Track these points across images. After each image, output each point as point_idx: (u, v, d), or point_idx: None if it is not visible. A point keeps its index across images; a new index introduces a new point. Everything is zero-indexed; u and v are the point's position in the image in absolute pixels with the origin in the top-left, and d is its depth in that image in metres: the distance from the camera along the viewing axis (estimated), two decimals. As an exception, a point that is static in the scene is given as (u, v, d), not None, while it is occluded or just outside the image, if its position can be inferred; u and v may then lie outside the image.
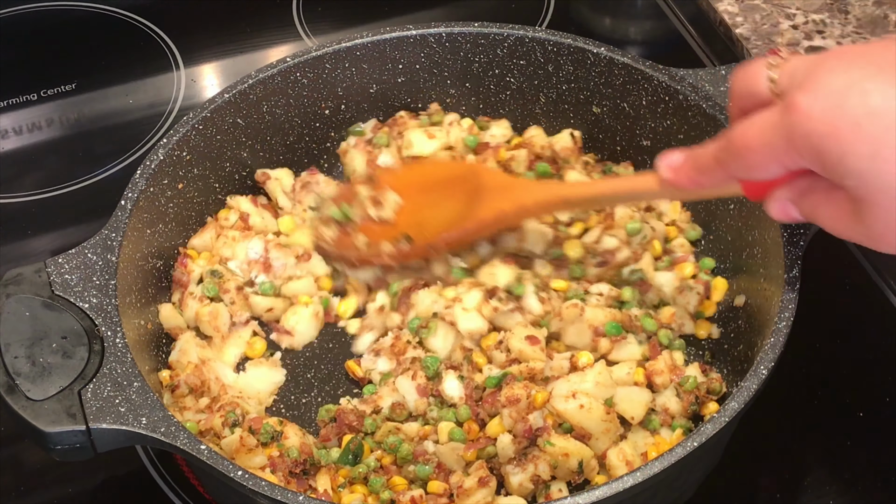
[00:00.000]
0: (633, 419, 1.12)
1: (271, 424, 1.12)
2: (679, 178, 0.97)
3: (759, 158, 0.85)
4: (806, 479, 1.17)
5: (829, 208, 0.85)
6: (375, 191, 1.26)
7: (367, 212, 1.25)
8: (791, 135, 0.80)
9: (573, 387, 1.11)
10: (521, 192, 1.19)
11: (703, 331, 1.22)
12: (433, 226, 1.22)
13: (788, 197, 0.90)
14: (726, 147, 0.88)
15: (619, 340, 1.17)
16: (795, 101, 0.80)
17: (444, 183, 1.25)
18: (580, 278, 1.24)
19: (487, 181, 1.22)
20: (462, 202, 1.21)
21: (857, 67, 0.78)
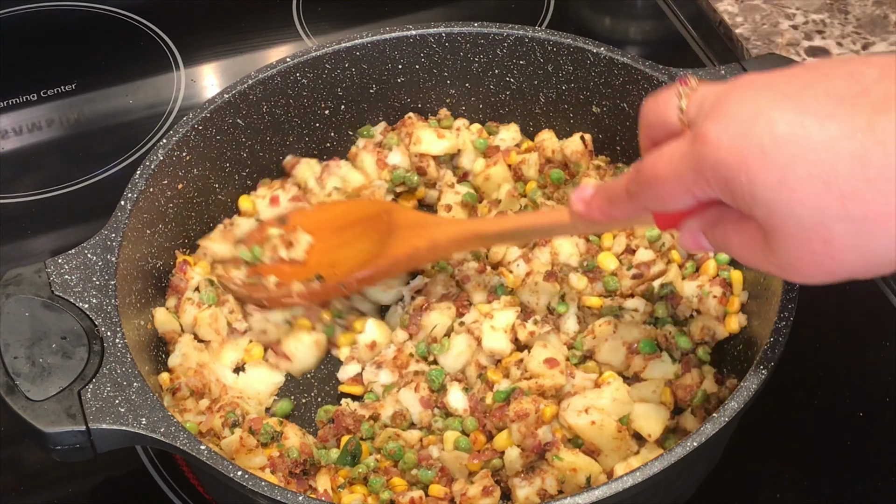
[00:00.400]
0: (649, 436, 1.11)
1: (271, 425, 1.12)
2: (591, 210, 0.95)
3: (669, 189, 0.83)
4: (806, 480, 1.17)
5: (740, 238, 0.84)
6: (287, 231, 1.24)
7: (278, 253, 1.24)
8: (699, 165, 0.79)
9: (588, 402, 1.11)
10: (433, 228, 1.19)
11: (734, 325, 1.19)
12: (346, 265, 1.21)
13: (699, 227, 0.88)
14: (636, 178, 0.87)
15: (653, 358, 1.17)
16: (703, 130, 0.78)
17: (356, 222, 1.24)
18: (615, 291, 1.23)
19: (400, 219, 1.21)
20: (375, 241, 1.21)
21: (763, 97, 0.77)
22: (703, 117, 0.80)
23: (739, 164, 0.76)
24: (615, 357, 1.18)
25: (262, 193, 1.33)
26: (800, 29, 1.60)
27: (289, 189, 1.33)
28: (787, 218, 0.76)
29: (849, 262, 0.76)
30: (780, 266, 0.80)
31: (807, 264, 0.78)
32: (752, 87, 0.79)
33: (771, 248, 0.80)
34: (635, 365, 1.17)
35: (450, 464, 1.11)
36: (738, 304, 1.20)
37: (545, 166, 1.34)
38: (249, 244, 1.25)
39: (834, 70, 0.76)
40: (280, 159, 1.37)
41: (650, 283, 1.23)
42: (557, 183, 1.31)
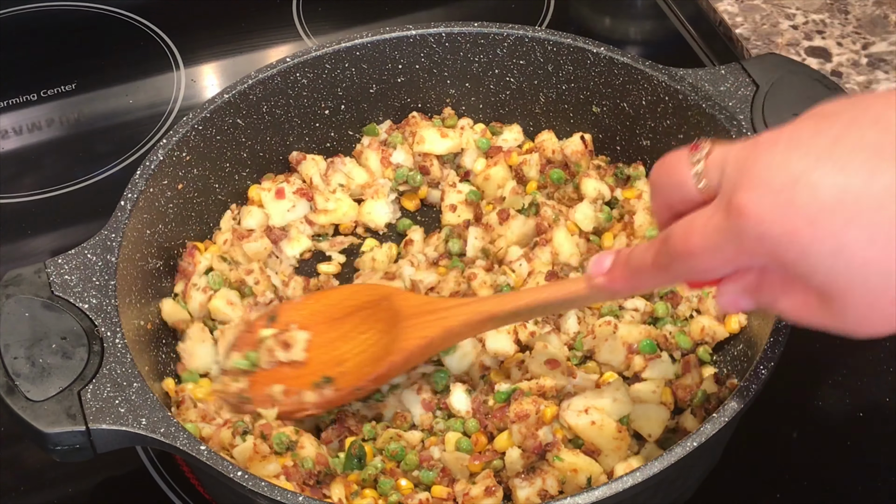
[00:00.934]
0: (649, 436, 1.11)
1: (286, 434, 1.11)
2: (614, 282, 0.92)
3: (707, 263, 0.80)
4: (806, 480, 1.17)
5: (791, 301, 0.80)
6: (280, 330, 1.17)
7: (275, 356, 1.16)
8: (741, 238, 0.76)
9: (588, 402, 1.11)
10: (443, 314, 1.11)
11: (734, 325, 1.19)
12: (352, 360, 1.14)
13: (739, 290, 0.84)
14: (667, 252, 0.83)
15: (654, 358, 1.17)
16: (739, 201, 0.75)
17: (354, 311, 1.17)
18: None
19: (403, 306, 1.14)
20: (379, 331, 1.14)
21: (795, 159, 0.73)
22: (732, 186, 0.77)
23: (788, 236, 0.73)
24: (615, 357, 1.17)
25: (266, 186, 1.33)
26: (800, 29, 1.60)
27: (293, 182, 1.33)
28: (851, 283, 0.73)
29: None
30: (845, 326, 0.77)
31: (875, 322, 0.75)
32: (778, 149, 0.75)
33: (832, 311, 0.76)
34: (635, 365, 1.17)
35: (451, 465, 1.11)
36: None
37: (546, 167, 1.34)
38: (242, 350, 1.17)
39: (858, 118, 0.73)
40: (280, 159, 1.37)
41: None
42: (557, 183, 1.31)
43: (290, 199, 1.32)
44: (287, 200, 1.32)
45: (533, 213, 1.28)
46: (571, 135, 1.35)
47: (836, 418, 1.21)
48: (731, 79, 1.26)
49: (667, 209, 0.86)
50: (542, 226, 1.26)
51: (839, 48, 1.57)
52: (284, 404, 1.13)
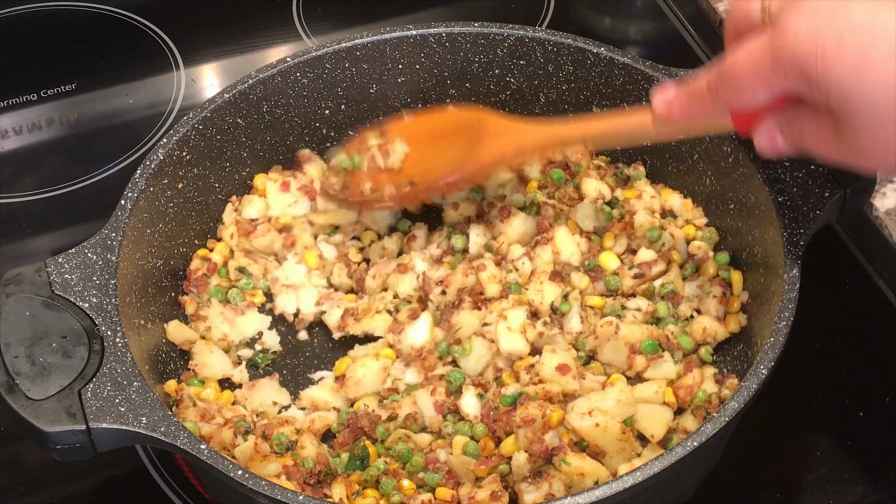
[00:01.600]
0: (652, 437, 1.11)
1: (286, 434, 1.11)
2: (672, 110, 0.99)
3: (748, 83, 0.87)
4: (806, 479, 1.17)
5: (814, 130, 0.87)
6: (385, 140, 1.27)
7: (375, 162, 1.26)
8: (778, 56, 0.82)
9: (592, 405, 1.11)
10: (519, 134, 1.21)
11: (735, 325, 1.20)
12: (438, 171, 1.24)
13: (775, 125, 0.92)
14: (717, 75, 0.91)
15: (656, 359, 1.17)
16: (783, 22, 0.82)
17: (450, 132, 1.27)
18: (616, 291, 1.23)
19: (489, 126, 1.23)
20: (465, 148, 1.23)
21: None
22: (784, 11, 0.83)
23: (816, 51, 0.79)
24: (618, 357, 1.17)
25: (273, 177, 1.33)
26: None
27: (300, 179, 1.33)
28: (862, 100, 0.79)
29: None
30: (854, 152, 0.83)
31: (880, 148, 0.81)
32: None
33: (844, 136, 0.83)
34: (637, 365, 1.17)
35: (457, 468, 1.11)
36: (738, 304, 1.20)
37: (547, 167, 1.34)
38: (349, 152, 1.28)
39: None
40: (280, 159, 1.37)
41: (651, 283, 1.23)
42: (558, 183, 1.31)
43: (293, 195, 1.32)
44: (290, 195, 1.32)
45: (534, 211, 1.28)
46: (572, 135, 1.35)
47: (836, 418, 1.21)
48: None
49: (735, 37, 0.92)
50: (543, 225, 1.27)
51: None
52: (366, 195, 1.26)
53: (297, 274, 1.28)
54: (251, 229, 1.28)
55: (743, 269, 1.22)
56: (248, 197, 1.32)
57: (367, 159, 1.27)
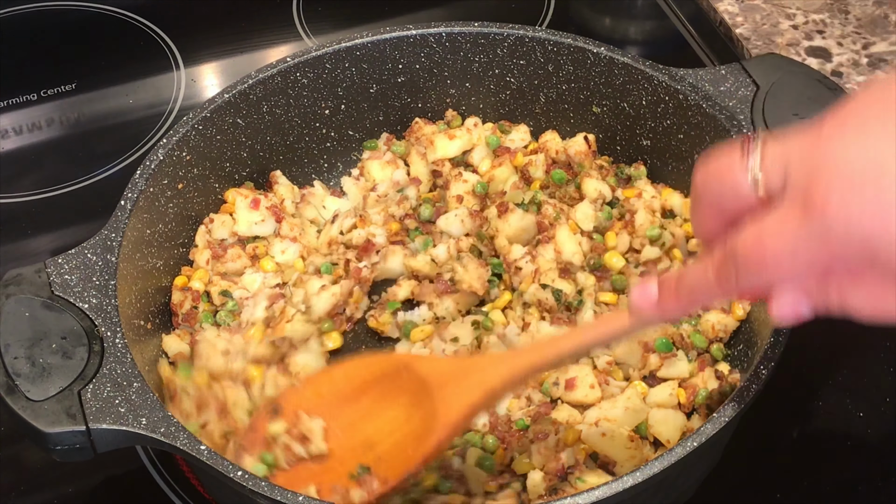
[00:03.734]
0: (668, 442, 1.11)
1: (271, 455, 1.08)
2: (667, 307, 0.87)
3: (787, 268, 0.74)
4: (806, 479, 1.17)
5: (866, 293, 0.76)
6: (289, 423, 1.05)
7: (293, 452, 1.04)
8: (826, 237, 0.71)
9: (602, 413, 1.11)
10: (480, 374, 1.01)
11: (741, 311, 1.19)
12: (385, 442, 1.03)
13: (801, 294, 0.79)
14: (734, 263, 0.78)
15: (669, 357, 1.16)
16: (820, 197, 0.70)
17: (367, 387, 1.06)
18: (623, 290, 1.23)
19: (430, 373, 1.03)
20: (408, 405, 1.03)
21: (871, 143, 0.69)
22: (805, 181, 0.72)
23: (882, 221, 0.69)
24: (631, 356, 1.17)
25: (244, 192, 1.31)
26: (800, 29, 1.60)
27: (271, 199, 1.32)
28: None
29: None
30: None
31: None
32: (848, 137, 0.71)
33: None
34: (651, 364, 1.17)
35: (470, 478, 1.10)
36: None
37: (551, 167, 1.34)
38: (254, 452, 1.05)
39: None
40: (280, 159, 1.37)
41: None
42: (559, 183, 1.31)
43: (261, 213, 1.30)
44: (258, 213, 1.30)
45: (534, 209, 1.28)
46: (572, 135, 1.35)
47: (836, 418, 1.21)
48: (732, 79, 1.26)
49: (715, 217, 0.81)
50: (544, 224, 1.27)
51: (839, 48, 1.57)
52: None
53: (255, 283, 1.27)
54: (222, 253, 1.28)
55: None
56: (218, 217, 1.30)
57: (281, 453, 1.04)
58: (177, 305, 1.23)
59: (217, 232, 1.29)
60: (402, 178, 1.35)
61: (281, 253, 1.29)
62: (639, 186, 1.31)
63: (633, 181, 1.32)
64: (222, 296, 1.24)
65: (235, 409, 1.13)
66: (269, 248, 1.30)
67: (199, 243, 1.29)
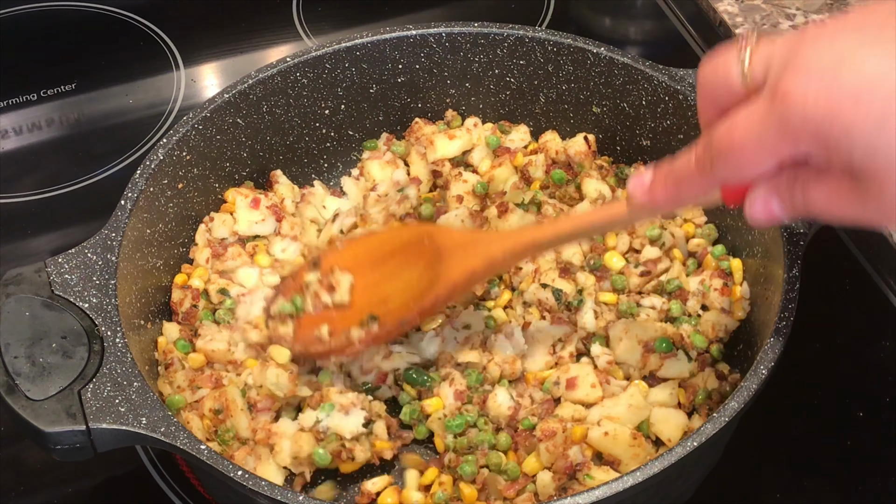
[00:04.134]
0: (669, 441, 1.11)
1: None
2: (656, 195, 0.91)
3: (751, 155, 0.80)
4: (806, 479, 1.17)
5: (824, 191, 0.79)
6: (323, 274, 1.15)
7: (320, 299, 1.15)
8: (784, 123, 0.76)
9: (605, 412, 1.11)
10: (486, 245, 1.11)
11: (740, 311, 1.19)
12: (397, 299, 1.12)
13: (771, 192, 0.83)
14: (710, 151, 0.83)
15: (669, 357, 1.17)
16: (784, 86, 0.75)
17: (395, 251, 1.16)
18: (623, 290, 1.23)
19: (445, 241, 1.12)
20: (422, 268, 1.12)
21: (842, 42, 0.74)
22: (778, 74, 0.77)
23: (833, 114, 0.73)
24: (632, 356, 1.17)
25: (244, 192, 1.31)
26: (800, 29, 1.60)
27: (271, 198, 1.32)
28: (888, 159, 0.73)
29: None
30: (881, 211, 0.77)
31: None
32: (826, 35, 0.75)
33: (868, 195, 0.77)
34: (651, 364, 1.17)
35: (489, 481, 1.10)
36: (740, 291, 1.20)
37: (551, 167, 1.34)
38: (288, 295, 1.16)
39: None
40: (280, 159, 1.37)
41: (659, 280, 1.23)
42: (559, 183, 1.31)
43: (262, 213, 1.30)
44: (259, 213, 1.30)
45: (534, 209, 1.28)
46: (572, 135, 1.36)
47: (836, 418, 1.21)
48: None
49: (712, 107, 0.85)
50: None
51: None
52: (329, 344, 1.12)
53: (251, 279, 1.27)
54: (222, 251, 1.28)
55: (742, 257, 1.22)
56: (219, 216, 1.30)
57: (310, 299, 1.15)
58: (177, 303, 1.23)
59: (217, 230, 1.29)
60: (402, 178, 1.35)
61: (282, 251, 1.29)
62: (639, 187, 1.31)
63: (633, 181, 1.32)
64: (220, 294, 1.24)
65: (230, 387, 1.14)
66: (269, 247, 1.30)
67: (200, 242, 1.29)
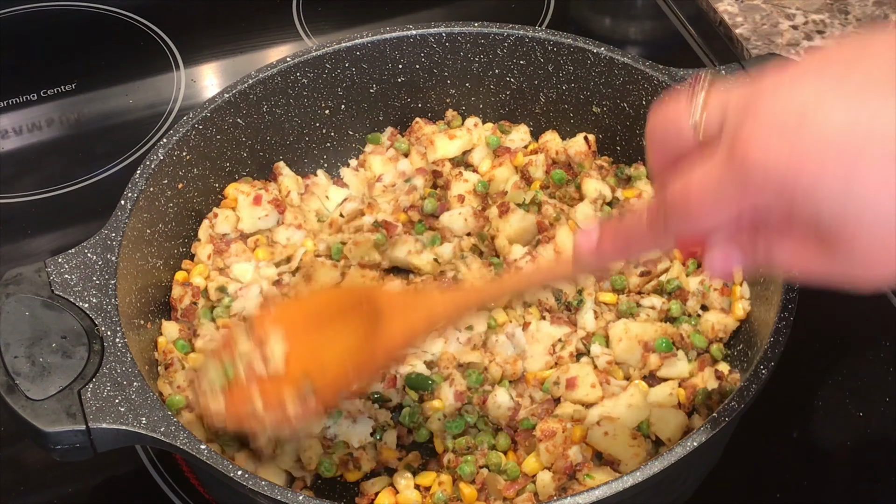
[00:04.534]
0: (669, 441, 1.11)
1: None
2: (604, 249, 0.87)
3: (709, 212, 0.75)
4: (806, 479, 1.17)
5: (790, 246, 0.75)
6: (257, 342, 1.08)
7: (253, 368, 1.07)
8: (745, 179, 0.71)
9: (605, 411, 1.11)
10: (425, 301, 1.07)
11: (740, 311, 1.19)
12: (334, 367, 1.06)
13: (729, 243, 0.79)
14: (663, 205, 0.79)
15: (669, 357, 1.17)
16: (744, 142, 0.70)
17: (334, 317, 1.09)
18: (623, 290, 1.24)
19: (385, 302, 1.07)
20: (361, 332, 1.07)
21: (803, 88, 0.69)
22: (736, 127, 0.72)
23: (796, 172, 0.68)
24: (631, 356, 1.17)
25: (245, 190, 1.31)
26: (800, 29, 1.60)
27: (271, 191, 1.32)
28: (860, 222, 0.69)
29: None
30: (850, 271, 0.72)
31: (882, 266, 0.71)
32: (785, 83, 0.71)
33: (836, 254, 0.72)
34: (651, 364, 1.17)
35: (489, 481, 1.10)
36: (740, 291, 1.20)
37: (551, 167, 1.34)
38: (218, 362, 1.08)
39: (865, 52, 0.70)
40: (280, 159, 1.37)
41: (659, 280, 1.23)
42: (559, 183, 1.31)
43: (264, 208, 1.30)
44: (262, 208, 1.30)
45: (535, 209, 1.28)
46: (572, 135, 1.36)
47: (836, 418, 1.21)
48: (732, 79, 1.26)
49: (663, 157, 0.82)
50: (544, 224, 1.27)
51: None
52: (267, 420, 1.04)
53: (247, 273, 1.26)
54: (224, 248, 1.28)
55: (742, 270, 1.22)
56: (222, 212, 1.30)
57: (243, 366, 1.07)
58: (176, 300, 1.24)
59: (220, 226, 1.29)
60: (407, 168, 1.35)
61: (286, 240, 1.29)
62: (639, 187, 1.31)
63: (633, 181, 1.32)
64: (219, 291, 1.25)
65: None
66: (273, 237, 1.30)
67: (202, 237, 1.29)
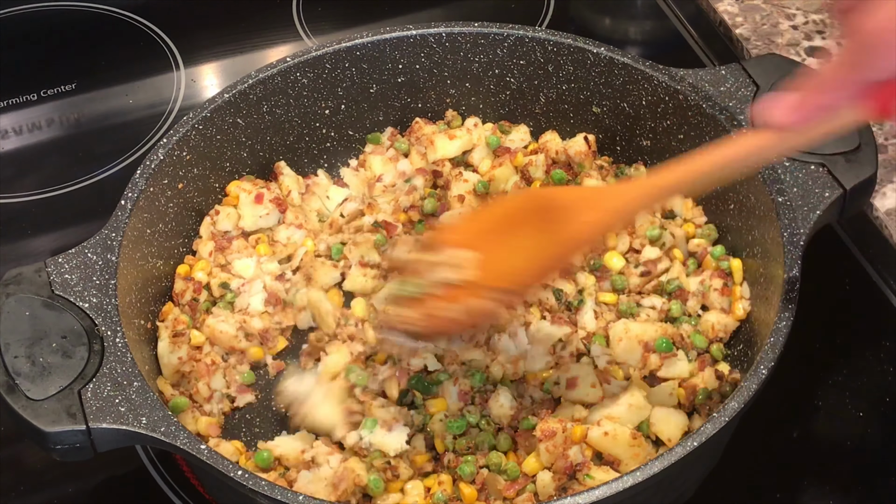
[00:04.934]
0: (669, 441, 1.11)
1: (269, 451, 1.12)
2: (805, 113, 0.86)
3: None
4: (806, 479, 1.17)
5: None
6: (441, 254, 1.05)
7: (445, 278, 1.03)
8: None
9: (603, 412, 1.11)
10: (607, 199, 1.03)
11: (740, 311, 1.19)
12: (524, 265, 1.04)
13: None
14: (853, 44, 0.81)
15: (669, 357, 1.16)
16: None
17: (519, 224, 1.05)
18: (623, 290, 1.23)
19: (564, 200, 1.04)
20: (545, 231, 1.03)
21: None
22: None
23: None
24: (632, 356, 1.17)
25: (246, 188, 1.31)
26: (800, 29, 1.60)
27: (273, 190, 1.33)
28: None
29: None
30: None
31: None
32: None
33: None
34: (651, 364, 1.17)
35: (489, 481, 1.10)
36: (740, 291, 1.20)
37: (551, 167, 1.34)
38: (410, 277, 1.06)
39: None
40: (280, 159, 1.37)
41: (659, 280, 1.23)
42: (559, 183, 1.31)
43: (265, 206, 1.30)
44: (263, 207, 1.30)
45: None
46: (572, 135, 1.36)
47: (836, 418, 1.21)
48: (732, 79, 1.26)
49: (848, 10, 0.83)
50: None
51: (840, 48, 1.57)
52: (463, 317, 1.02)
53: (249, 269, 1.27)
54: (226, 245, 1.28)
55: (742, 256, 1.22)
56: (223, 209, 1.30)
57: (434, 278, 1.03)
58: (178, 294, 1.24)
59: (222, 224, 1.29)
60: (407, 168, 1.35)
61: (287, 239, 1.29)
62: (639, 186, 1.31)
63: (634, 181, 1.32)
64: (221, 287, 1.25)
65: None
66: (274, 235, 1.30)
67: (204, 234, 1.29)
